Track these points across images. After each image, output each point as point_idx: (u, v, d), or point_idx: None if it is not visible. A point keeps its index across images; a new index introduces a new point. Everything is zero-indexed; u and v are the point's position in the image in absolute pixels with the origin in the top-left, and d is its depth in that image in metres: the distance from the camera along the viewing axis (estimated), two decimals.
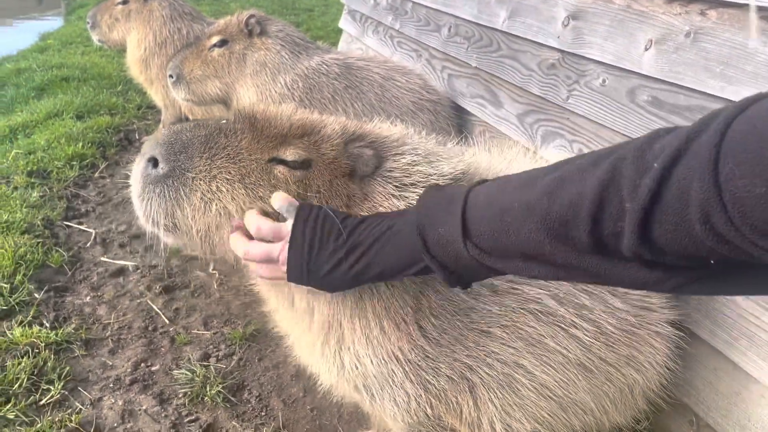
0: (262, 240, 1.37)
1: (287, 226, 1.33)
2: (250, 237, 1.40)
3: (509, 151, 2.15)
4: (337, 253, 1.27)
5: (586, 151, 2.66)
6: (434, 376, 1.59)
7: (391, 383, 1.59)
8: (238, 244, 1.39)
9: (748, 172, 0.66)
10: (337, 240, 1.27)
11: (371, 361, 1.56)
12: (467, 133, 3.60)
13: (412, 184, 1.47)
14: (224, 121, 1.54)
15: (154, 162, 1.45)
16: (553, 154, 2.84)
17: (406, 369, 1.57)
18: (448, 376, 1.60)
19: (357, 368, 1.58)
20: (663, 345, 1.88)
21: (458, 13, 3.80)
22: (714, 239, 0.73)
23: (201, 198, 1.43)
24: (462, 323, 1.57)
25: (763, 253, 0.69)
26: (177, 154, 1.44)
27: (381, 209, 1.42)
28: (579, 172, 0.91)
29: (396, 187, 1.46)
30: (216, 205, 1.43)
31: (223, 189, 1.43)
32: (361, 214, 1.41)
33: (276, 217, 1.41)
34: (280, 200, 1.38)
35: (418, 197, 1.30)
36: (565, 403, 1.74)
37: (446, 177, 1.50)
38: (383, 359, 1.55)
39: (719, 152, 0.70)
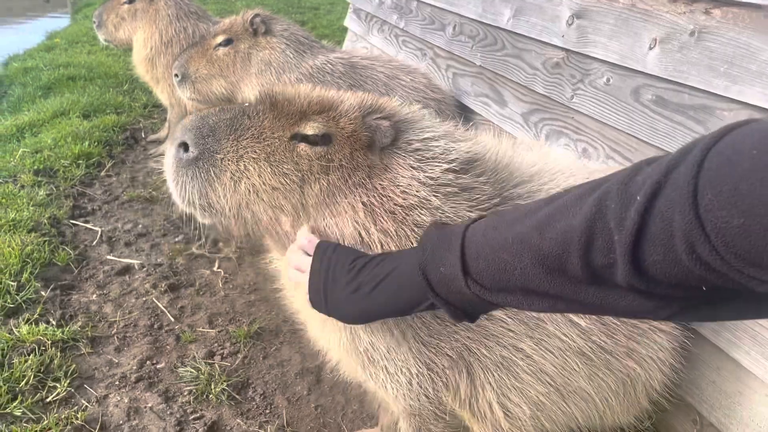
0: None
1: (309, 260, 1.45)
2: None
3: (512, 141, 2.18)
4: (347, 288, 1.35)
5: (590, 150, 2.66)
6: (436, 355, 1.62)
7: (396, 360, 1.63)
8: (291, 256, 1.52)
9: (726, 203, 0.69)
10: (347, 276, 1.35)
11: (382, 336, 1.59)
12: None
13: (432, 158, 1.53)
14: (247, 104, 1.61)
15: (185, 147, 1.54)
16: (558, 152, 2.84)
17: (412, 346, 1.60)
18: (448, 356, 1.63)
19: (368, 342, 1.61)
20: (666, 342, 1.88)
21: (463, 11, 3.79)
22: (702, 268, 0.74)
23: (230, 177, 1.52)
24: None
25: (750, 280, 0.70)
26: (205, 137, 1.53)
27: (402, 179, 1.49)
28: (567, 207, 0.94)
29: (416, 159, 1.52)
30: (245, 183, 1.52)
31: (250, 167, 1.51)
32: (382, 184, 1.50)
33: None
34: (301, 237, 1.50)
35: (422, 234, 1.35)
36: (564, 390, 1.75)
37: (464, 154, 1.56)
38: (393, 334, 1.59)
39: (697, 184, 0.73)
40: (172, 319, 2.85)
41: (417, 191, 1.49)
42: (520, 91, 3.24)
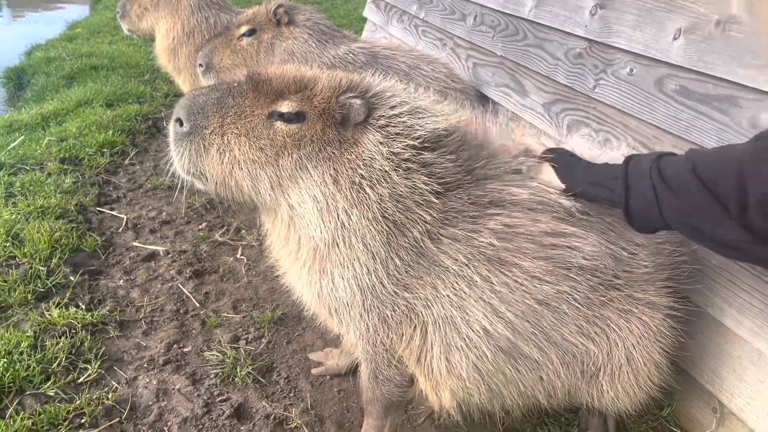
0: None
1: None
2: None
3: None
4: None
5: (612, 140, 2.67)
6: (393, 311, 1.80)
7: (362, 312, 1.82)
8: None
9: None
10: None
11: (343, 288, 1.78)
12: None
13: (397, 134, 1.69)
14: (236, 83, 1.80)
15: (180, 122, 1.76)
16: (578, 142, 2.84)
17: (374, 302, 1.79)
18: (404, 312, 1.81)
19: (331, 292, 1.81)
20: (638, 327, 1.93)
21: (484, 2, 3.80)
22: None
23: (217, 150, 1.73)
24: (422, 268, 1.76)
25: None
26: (196, 114, 1.75)
27: (367, 153, 1.67)
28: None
29: (383, 135, 1.69)
30: (228, 155, 1.73)
31: (232, 142, 1.72)
32: (350, 158, 1.68)
33: None
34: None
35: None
36: (511, 357, 1.87)
37: (430, 131, 1.72)
38: (355, 287, 1.77)
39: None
40: (198, 305, 2.91)
41: (380, 166, 1.66)
42: (541, 82, 3.24)
